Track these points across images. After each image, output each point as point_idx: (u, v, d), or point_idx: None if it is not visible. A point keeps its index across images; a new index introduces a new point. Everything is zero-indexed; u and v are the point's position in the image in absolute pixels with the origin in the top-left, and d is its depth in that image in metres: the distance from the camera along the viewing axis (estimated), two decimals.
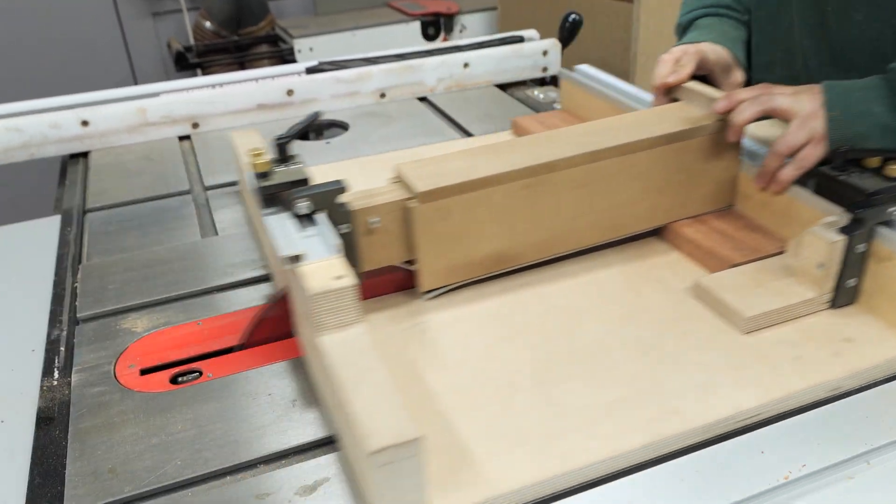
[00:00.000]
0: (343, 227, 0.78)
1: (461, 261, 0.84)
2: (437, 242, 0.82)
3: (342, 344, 0.62)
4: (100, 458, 0.66)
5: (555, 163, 0.84)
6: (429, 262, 0.83)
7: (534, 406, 0.69)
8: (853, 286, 0.79)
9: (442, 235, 0.82)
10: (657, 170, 0.89)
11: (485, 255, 0.85)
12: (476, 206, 0.82)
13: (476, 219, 0.82)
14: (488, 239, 0.84)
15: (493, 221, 0.83)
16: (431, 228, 0.81)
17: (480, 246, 0.84)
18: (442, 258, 0.83)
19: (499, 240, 0.85)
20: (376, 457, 0.52)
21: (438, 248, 0.82)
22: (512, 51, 1.58)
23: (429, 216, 0.80)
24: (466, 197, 0.81)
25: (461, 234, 0.82)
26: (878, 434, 0.65)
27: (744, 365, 0.72)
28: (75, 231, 1.08)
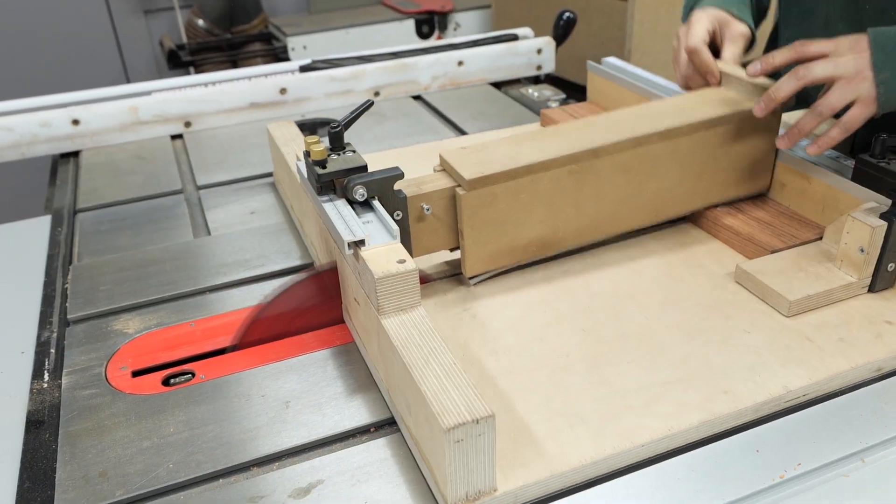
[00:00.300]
0: (395, 213, 0.78)
1: (506, 246, 0.85)
2: (483, 229, 0.82)
3: (407, 326, 0.64)
4: (91, 462, 0.65)
5: (600, 149, 0.84)
6: (474, 248, 0.83)
7: (588, 387, 0.70)
8: (893, 270, 0.81)
9: (487, 221, 0.82)
10: (698, 154, 0.90)
11: (529, 241, 0.85)
12: (521, 193, 0.82)
13: (521, 205, 0.83)
14: (532, 225, 0.85)
15: (538, 207, 0.84)
16: (477, 215, 0.81)
17: (525, 232, 0.85)
18: (487, 244, 0.83)
19: (543, 225, 0.85)
20: (451, 433, 0.53)
21: (484, 235, 0.83)
22: (506, 49, 1.57)
23: (475, 203, 0.80)
24: (512, 184, 0.81)
25: (506, 220, 0.83)
26: (872, 432, 0.64)
27: (789, 347, 0.74)
28: (66, 231, 1.07)
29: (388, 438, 0.67)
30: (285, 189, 1.08)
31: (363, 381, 0.74)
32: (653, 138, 0.86)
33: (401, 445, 0.66)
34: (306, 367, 0.76)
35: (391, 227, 0.70)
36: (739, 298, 0.81)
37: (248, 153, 1.27)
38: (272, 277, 0.92)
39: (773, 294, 0.79)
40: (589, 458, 0.62)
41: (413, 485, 0.62)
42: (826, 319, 0.78)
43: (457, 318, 0.80)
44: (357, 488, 0.62)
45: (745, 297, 0.82)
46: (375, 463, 0.65)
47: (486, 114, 1.41)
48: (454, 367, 0.59)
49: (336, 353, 0.78)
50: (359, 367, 0.76)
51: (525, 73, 1.60)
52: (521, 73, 1.60)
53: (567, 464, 0.61)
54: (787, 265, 0.83)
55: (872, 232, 0.77)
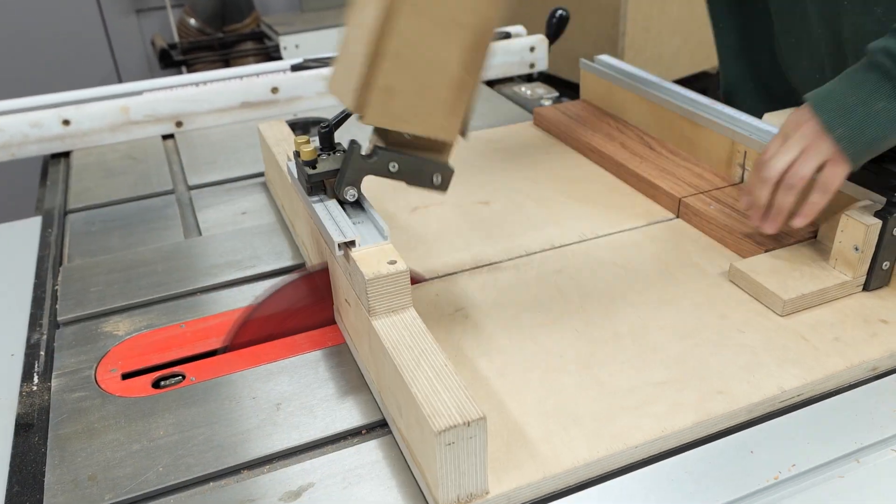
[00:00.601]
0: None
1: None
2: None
3: (398, 327, 0.64)
4: (80, 466, 0.65)
5: None
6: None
7: (582, 388, 0.69)
8: (888, 269, 0.80)
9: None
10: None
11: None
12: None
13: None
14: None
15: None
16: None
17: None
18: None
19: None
20: (442, 436, 0.53)
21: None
22: (499, 47, 1.57)
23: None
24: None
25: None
26: (867, 432, 0.64)
27: (784, 346, 0.74)
28: (56, 232, 1.06)
29: (379, 441, 0.67)
30: (277, 189, 1.07)
31: (355, 383, 0.73)
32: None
33: (392, 448, 0.66)
34: (297, 369, 0.75)
35: (382, 227, 0.70)
36: (734, 297, 0.81)
37: (240, 153, 1.26)
38: (263, 278, 0.92)
39: (768, 293, 0.79)
40: (582, 460, 0.61)
41: (405, 487, 0.62)
42: (821, 318, 0.78)
43: (449, 318, 0.80)
44: (348, 491, 0.61)
45: (740, 297, 0.81)
46: (367, 465, 0.64)
47: (478, 112, 1.40)
48: (445, 369, 0.58)
49: (327, 354, 0.78)
50: (350, 369, 0.75)
51: (518, 71, 1.60)
52: (514, 71, 1.60)
53: (560, 466, 0.61)
54: (782, 264, 0.83)
55: (867, 230, 0.77)
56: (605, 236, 0.94)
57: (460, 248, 0.93)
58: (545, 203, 1.03)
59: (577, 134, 1.18)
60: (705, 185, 1.00)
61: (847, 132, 0.75)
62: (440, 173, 0.74)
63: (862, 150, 0.76)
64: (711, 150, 1.04)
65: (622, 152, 1.10)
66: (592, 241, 0.93)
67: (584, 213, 1.00)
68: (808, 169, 0.78)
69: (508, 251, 0.92)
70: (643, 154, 1.10)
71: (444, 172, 0.74)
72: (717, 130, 1.02)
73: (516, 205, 1.03)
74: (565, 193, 1.05)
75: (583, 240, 0.94)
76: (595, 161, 1.14)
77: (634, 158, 1.08)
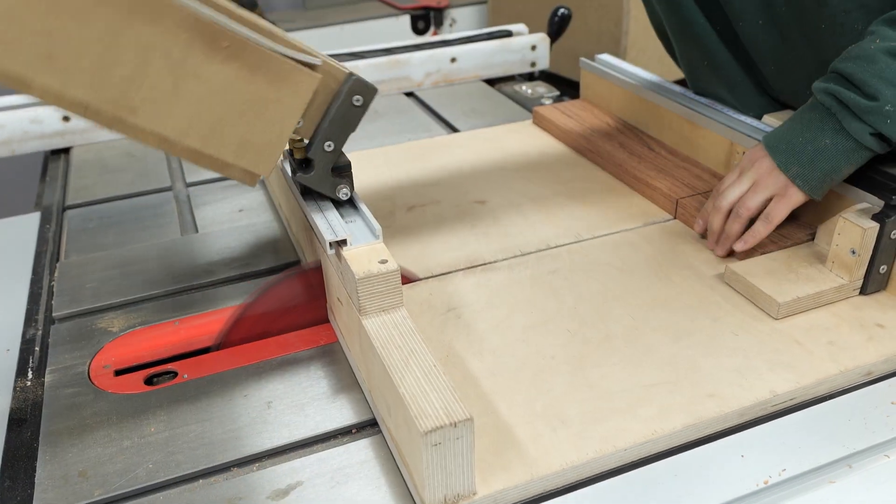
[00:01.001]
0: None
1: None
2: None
3: (388, 326, 0.64)
4: (71, 461, 0.65)
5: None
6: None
7: (573, 389, 0.69)
8: (885, 272, 0.80)
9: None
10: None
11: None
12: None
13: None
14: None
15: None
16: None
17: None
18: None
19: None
20: (428, 437, 0.53)
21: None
22: (500, 45, 1.56)
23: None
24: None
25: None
26: (859, 437, 0.64)
27: (778, 350, 0.73)
28: (54, 228, 1.06)
29: (369, 440, 0.67)
30: (273, 187, 1.07)
31: (346, 382, 0.73)
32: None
33: (382, 447, 0.66)
34: (290, 367, 0.75)
35: (374, 227, 0.70)
36: (728, 300, 0.81)
37: None
38: (259, 276, 0.92)
39: (763, 296, 0.78)
40: (570, 462, 0.61)
41: (393, 487, 0.62)
42: (816, 322, 0.77)
43: (442, 318, 0.80)
44: (336, 490, 0.61)
45: (735, 299, 0.81)
46: (356, 465, 0.64)
47: (478, 111, 1.41)
48: (434, 370, 0.58)
49: (320, 352, 0.78)
50: (342, 368, 0.75)
51: (519, 69, 1.60)
52: (516, 69, 1.59)
53: (548, 467, 0.61)
54: (778, 266, 0.82)
55: (864, 233, 0.76)
56: (602, 237, 0.94)
57: (455, 248, 0.93)
58: (542, 203, 1.03)
59: (576, 134, 1.18)
60: (703, 185, 0.99)
61: (800, 170, 0.81)
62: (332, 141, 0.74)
63: (817, 184, 0.81)
64: (710, 151, 1.04)
65: (620, 152, 1.10)
66: (588, 241, 0.93)
67: (580, 213, 1.00)
68: (757, 202, 0.84)
69: (503, 251, 0.92)
70: (641, 154, 1.09)
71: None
72: (716, 131, 1.02)
73: (513, 204, 1.03)
74: (562, 193, 1.05)
75: (579, 240, 0.93)
76: (593, 161, 1.14)
77: (632, 159, 1.08)
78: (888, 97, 0.74)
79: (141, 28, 0.60)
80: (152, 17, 0.60)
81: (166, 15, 0.60)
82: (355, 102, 0.71)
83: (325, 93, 0.70)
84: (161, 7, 0.59)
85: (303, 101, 0.67)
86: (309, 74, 0.66)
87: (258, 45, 0.63)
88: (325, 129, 0.71)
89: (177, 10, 0.60)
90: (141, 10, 0.59)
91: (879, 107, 0.75)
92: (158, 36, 0.60)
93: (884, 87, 0.75)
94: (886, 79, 0.75)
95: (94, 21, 0.59)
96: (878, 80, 0.75)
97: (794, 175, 0.81)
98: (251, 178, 0.70)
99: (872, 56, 0.76)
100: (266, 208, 1.08)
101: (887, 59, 0.75)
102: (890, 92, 0.75)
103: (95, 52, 0.60)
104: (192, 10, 0.60)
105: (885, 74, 0.75)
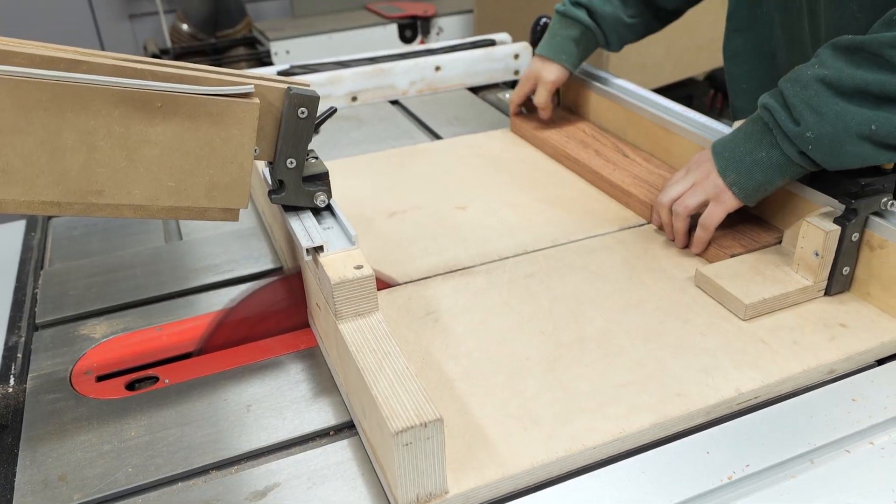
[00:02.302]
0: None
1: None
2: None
3: (362, 331, 0.65)
4: (51, 466, 0.66)
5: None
6: None
7: (545, 390, 0.71)
8: (847, 274, 0.82)
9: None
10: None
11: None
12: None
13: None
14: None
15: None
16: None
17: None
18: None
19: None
20: (399, 437, 0.54)
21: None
22: (483, 54, 1.58)
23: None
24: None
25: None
26: (820, 433, 0.66)
27: (744, 350, 0.75)
28: (39, 236, 1.07)
29: (346, 441, 0.68)
30: (257, 195, 1.09)
31: (325, 385, 0.75)
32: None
33: (359, 448, 0.67)
34: (270, 371, 0.77)
35: (350, 233, 0.71)
36: (698, 302, 0.83)
37: None
38: (241, 282, 0.93)
39: (731, 297, 0.80)
40: (540, 461, 0.63)
41: (369, 487, 0.63)
42: (782, 322, 0.79)
43: (420, 322, 0.81)
44: (313, 491, 0.63)
45: (704, 301, 0.83)
46: (333, 466, 0.65)
47: (461, 118, 1.43)
48: (406, 372, 0.60)
49: (300, 356, 0.79)
50: (322, 371, 0.77)
51: (503, 77, 1.62)
52: (499, 77, 1.61)
53: (518, 466, 0.62)
54: (746, 269, 0.84)
55: (826, 236, 0.79)
56: (577, 241, 0.96)
57: (434, 253, 0.94)
58: (520, 208, 1.04)
59: (553, 141, 1.20)
60: (614, 155, 1.02)
61: (738, 178, 0.85)
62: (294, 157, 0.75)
63: (752, 193, 0.85)
64: (684, 156, 1.06)
65: (596, 159, 1.12)
66: (564, 245, 0.95)
67: (557, 219, 1.01)
68: (694, 202, 0.89)
69: (482, 256, 0.93)
70: (616, 161, 1.11)
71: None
72: (689, 137, 1.04)
73: (492, 210, 1.04)
74: (540, 199, 1.07)
75: (555, 244, 0.95)
76: (570, 168, 1.16)
77: (608, 165, 1.10)
78: (810, 124, 0.78)
79: (76, 119, 0.62)
80: (81, 105, 0.61)
81: (92, 99, 0.62)
82: (300, 115, 0.72)
83: (270, 114, 0.71)
84: (85, 94, 0.61)
85: (250, 130, 0.69)
86: (246, 104, 0.67)
87: (189, 95, 0.65)
88: (281, 148, 0.72)
89: (100, 92, 0.62)
90: (69, 104, 0.61)
91: (801, 132, 0.79)
92: (94, 119, 0.62)
93: (808, 114, 0.78)
94: (812, 106, 0.78)
95: (32, 129, 0.61)
96: (804, 105, 0.79)
97: (732, 182, 0.86)
98: (232, 214, 0.72)
99: (807, 82, 0.79)
100: (250, 215, 1.09)
101: (817, 87, 0.78)
102: (812, 119, 0.78)
103: (45, 154, 0.62)
104: (113, 86, 0.62)
105: (811, 102, 0.78)
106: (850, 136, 0.77)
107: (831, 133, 0.77)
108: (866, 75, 0.76)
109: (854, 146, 0.77)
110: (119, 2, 3.02)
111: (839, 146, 0.77)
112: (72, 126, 0.62)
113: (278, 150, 0.73)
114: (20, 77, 0.59)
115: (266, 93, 0.70)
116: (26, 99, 0.60)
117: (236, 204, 0.71)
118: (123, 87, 0.63)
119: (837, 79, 0.77)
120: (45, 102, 0.60)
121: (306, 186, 0.75)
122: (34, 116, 0.61)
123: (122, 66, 0.63)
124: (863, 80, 0.76)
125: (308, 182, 0.75)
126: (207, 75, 0.67)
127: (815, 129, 0.78)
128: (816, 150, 0.79)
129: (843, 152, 0.77)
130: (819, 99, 0.78)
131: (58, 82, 0.60)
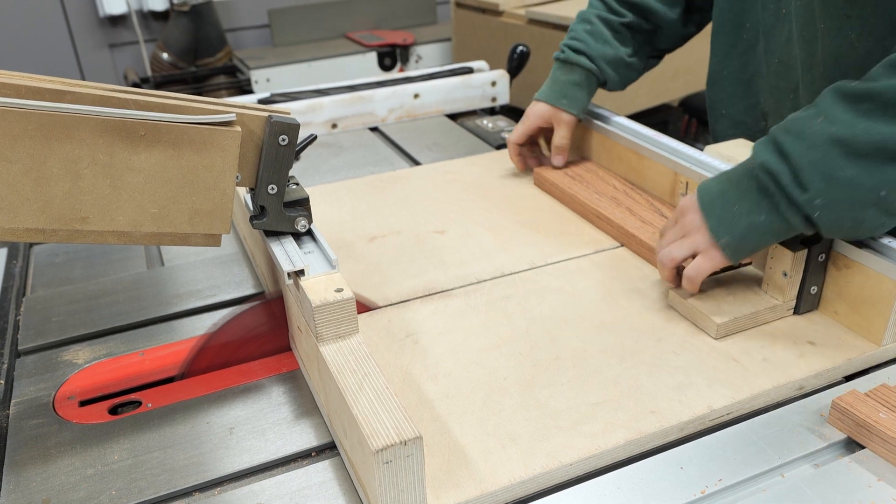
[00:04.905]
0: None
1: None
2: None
3: (343, 353, 0.67)
4: (35, 490, 0.66)
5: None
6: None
7: (521, 409, 0.73)
8: (815, 293, 0.85)
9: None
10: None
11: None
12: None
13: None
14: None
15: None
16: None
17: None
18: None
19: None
20: (380, 455, 0.56)
21: None
22: (461, 81, 1.62)
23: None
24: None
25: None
26: (791, 448, 0.68)
27: (716, 367, 0.77)
28: (21, 264, 1.08)
29: (328, 462, 0.69)
30: (238, 220, 1.10)
31: (307, 407, 0.76)
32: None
33: (340, 468, 0.68)
34: (252, 394, 0.78)
35: (331, 257, 0.73)
36: (671, 321, 0.85)
37: None
38: (223, 307, 0.94)
39: (702, 317, 0.83)
40: (518, 478, 0.64)
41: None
42: (752, 341, 0.82)
43: (399, 344, 0.83)
44: None
45: (677, 320, 0.85)
46: (315, 486, 0.67)
47: (440, 144, 1.45)
48: (386, 391, 0.61)
49: (282, 379, 0.80)
50: (303, 394, 0.78)
51: (480, 104, 1.65)
52: (477, 104, 1.65)
53: (497, 483, 0.64)
54: (717, 289, 0.87)
55: (794, 257, 0.81)
56: (554, 264, 0.98)
57: (414, 276, 0.96)
58: (498, 232, 1.07)
59: (582, 198, 1.13)
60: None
61: (732, 241, 0.80)
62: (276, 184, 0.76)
63: (744, 254, 0.81)
64: (657, 181, 1.09)
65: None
66: (541, 268, 0.97)
67: (534, 242, 1.04)
68: (680, 255, 0.84)
69: (460, 278, 0.95)
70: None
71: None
72: (661, 162, 1.07)
73: (470, 234, 1.07)
74: (518, 223, 1.10)
75: (532, 267, 0.97)
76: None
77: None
78: (820, 190, 0.73)
79: (60, 147, 0.64)
80: (66, 134, 0.63)
81: (77, 128, 0.63)
82: (281, 142, 0.73)
83: (251, 142, 0.73)
84: (70, 123, 0.63)
85: (232, 157, 0.70)
86: (228, 132, 0.69)
87: (172, 123, 0.67)
88: (262, 175, 0.74)
89: (85, 121, 0.64)
90: (54, 133, 0.63)
91: (810, 199, 0.74)
92: (78, 148, 0.64)
93: (818, 180, 0.73)
94: (822, 171, 0.73)
95: (18, 158, 0.63)
96: (813, 169, 0.74)
97: (725, 245, 0.81)
98: (215, 240, 0.74)
99: (814, 141, 0.74)
100: (231, 241, 1.11)
101: (827, 148, 0.73)
102: (822, 185, 0.73)
103: (30, 182, 0.64)
104: (98, 115, 0.64)
105: (821, 166, 0.73)
106: (860, 204, 0.73)
107: (841, 200, 0.73)
108: (883, 130, 0.71)
109: (860, 212, 0.74)
110: (99, 31, 3.04)
111: (847, 213, 0.74)
112: (57, 155, 0.64)
113: (260, 177, 0.74)
114: (7, 107, 0.61)
115: (247, 121, 0.72)
116: (13, 128, 0.61)
117: (218, 230, 0.73)
118: (108, 116, 0.64)
119: (851, 137, 0.72)
120: (31, 132, 0.62)
121: (287, 212, 0.77)
122: (20, 145, 0.62)
123: (106, 97, 0.65)
124: (880, 135, 0.71)
125: (289, 207, 0.77)
126: (190, 104, 0.69)
127: (825, 196, 0.73)
128: (824, 217, 0.74)
129: (848, 218, 0.74)
130: (831, 162, 0.73)
131: (44, 112, 0.62)
